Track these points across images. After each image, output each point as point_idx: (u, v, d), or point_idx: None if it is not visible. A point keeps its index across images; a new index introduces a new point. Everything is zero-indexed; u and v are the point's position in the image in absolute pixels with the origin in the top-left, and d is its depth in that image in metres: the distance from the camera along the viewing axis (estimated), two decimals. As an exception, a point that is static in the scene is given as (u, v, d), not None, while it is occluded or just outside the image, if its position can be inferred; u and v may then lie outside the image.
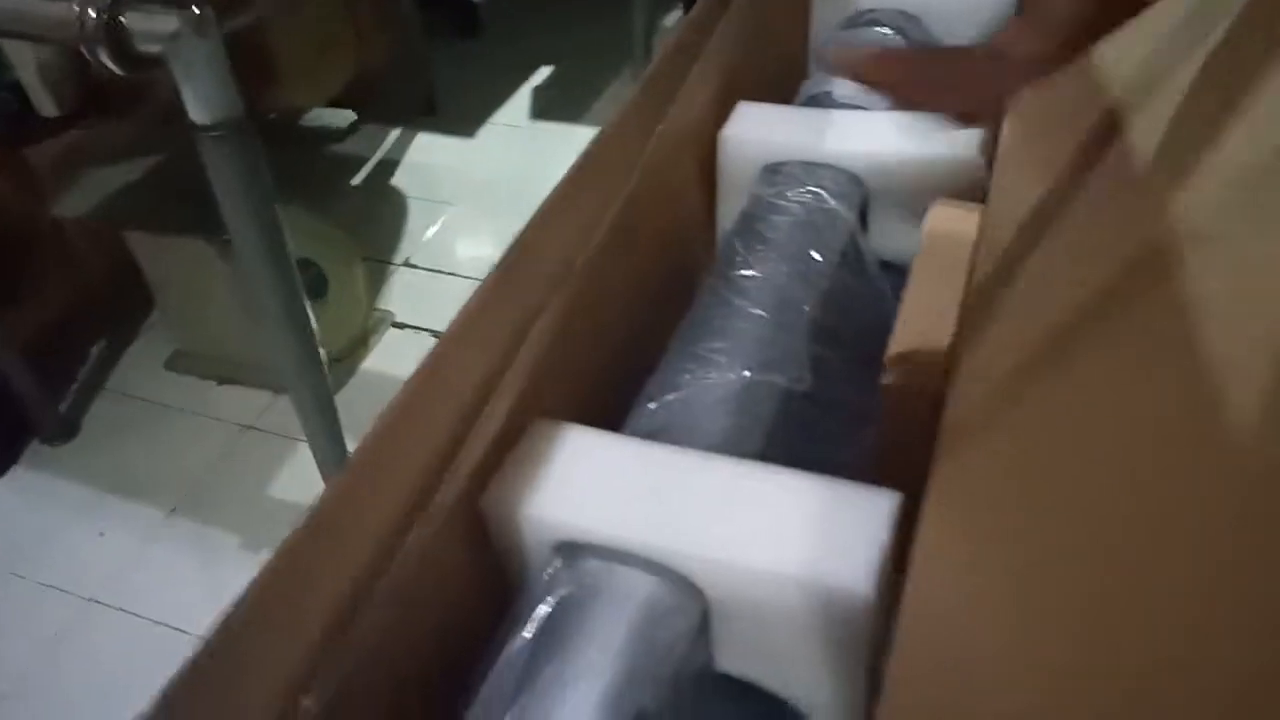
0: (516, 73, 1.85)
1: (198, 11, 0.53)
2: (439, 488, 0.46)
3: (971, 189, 0.75)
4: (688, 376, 0.61)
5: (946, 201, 0.71)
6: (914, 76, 0.43)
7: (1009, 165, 0.70)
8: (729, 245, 0.74)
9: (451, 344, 0.49)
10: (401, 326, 1.24)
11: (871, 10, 1.05)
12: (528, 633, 0.45)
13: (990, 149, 0.76)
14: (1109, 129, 0.59)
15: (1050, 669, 0.32)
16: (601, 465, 0.50)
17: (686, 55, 0.80)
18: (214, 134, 0.58)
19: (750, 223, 0.76)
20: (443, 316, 1.26)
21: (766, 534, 0.45)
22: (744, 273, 0.69)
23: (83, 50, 0.53)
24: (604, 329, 0.63)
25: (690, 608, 0.46)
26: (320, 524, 0.40)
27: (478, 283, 0.48)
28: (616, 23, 1.52)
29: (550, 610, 0.46)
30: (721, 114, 0.85)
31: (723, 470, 0.49)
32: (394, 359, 1.17)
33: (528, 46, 1.90)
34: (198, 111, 0.56)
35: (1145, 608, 0.30)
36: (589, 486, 0.49)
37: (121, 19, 0.52)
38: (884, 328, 0.72)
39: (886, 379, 0.56)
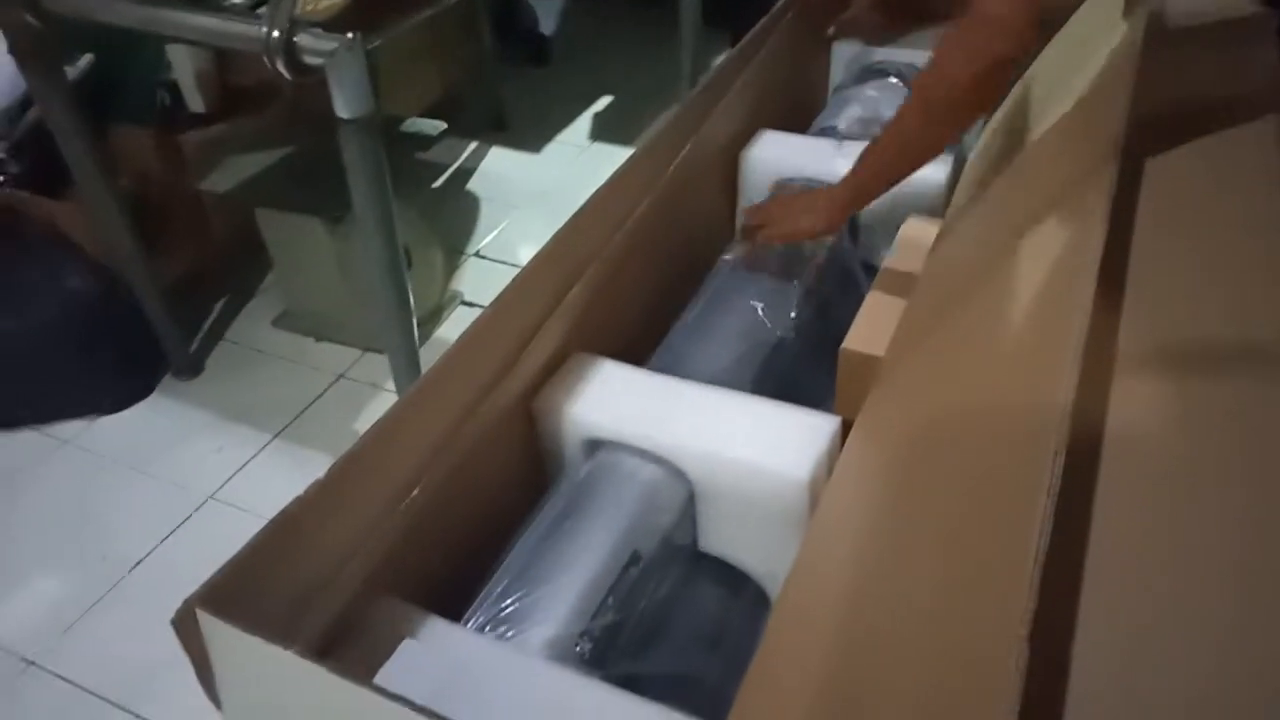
0: (579, 99, 1.97)
1: (351, 35, 0.66)
2: (495, 394, 0.56)
3: (940, 206, 0.85)
4: (699, 326, 0.72)
5: (918, 216, 0.81)
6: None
7: (966, 187, 0.80)
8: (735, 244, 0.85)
9: (511, 295, 0.59)
10: (470, 305, 1.37)
11: (882, 61, 1.16)
12: (562, 497, 0.57)
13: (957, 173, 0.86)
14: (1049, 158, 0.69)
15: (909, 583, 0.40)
16: (621, 387, 0.61)
17: (720, 89, 0.92)
18: (353, 126, 0.71)
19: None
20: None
21: (736, 436, 0.55)
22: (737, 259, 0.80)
23: (265, 59, 0.67)
24: (634, 290, 0.73)
25: (678, 487, 0.57)
26: (396, 415, 0.49)
27: None
28: (670, 60, 1.62)
29: (577, 482, 0.58)
30: (747, 138, 0.96)
31: (712, 395, 0.59)
32: (462, 331, 1.27)
33: (590, 77, 2.02)
34: (343, 109, 0.69)
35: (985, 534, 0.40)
36: (610, 401, 0.59)
37: (296, 39, 0.66)
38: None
39: (844, 345, 0.66)
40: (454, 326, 1.37)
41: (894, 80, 1.10)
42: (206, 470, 1.10)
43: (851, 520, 0.48)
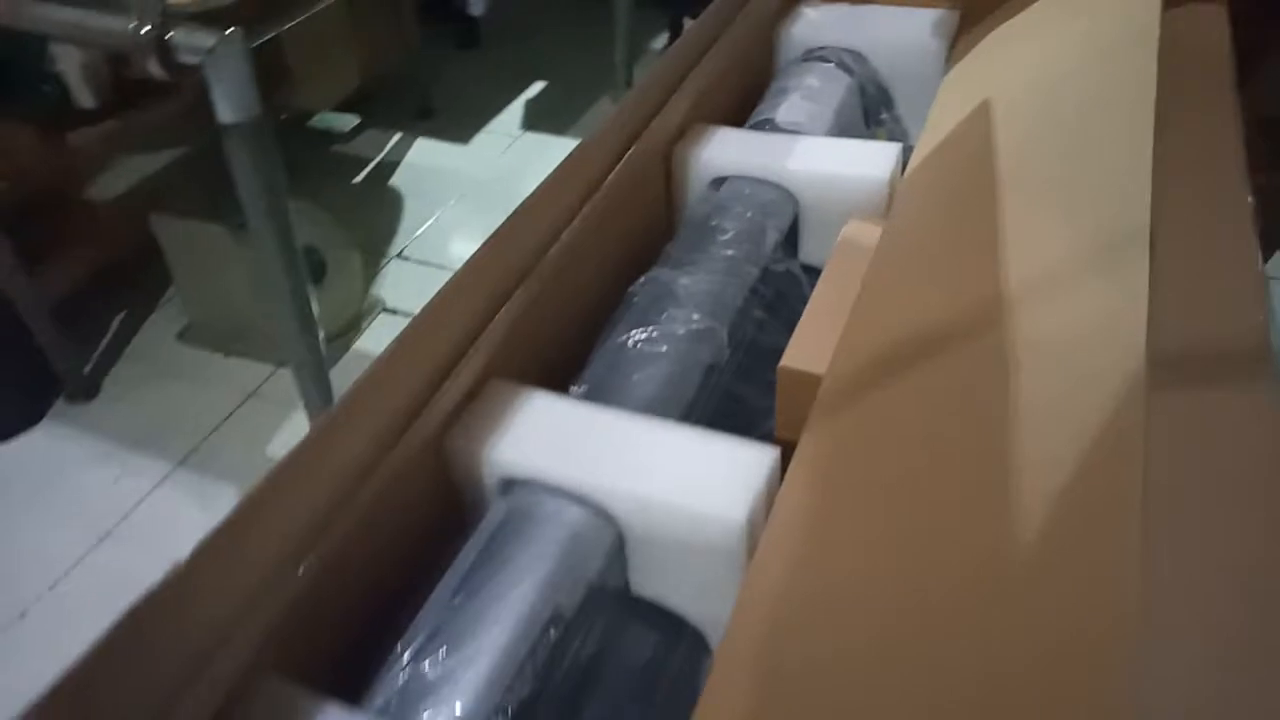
0: (510, 85, 1.92)
1: (230, 30, 0.61)
2: (410, 429, 0.54)
3: (884, 205, 0.83)
4: (624, 350, 0.69)
5: (860, 218, 0.80)
6: None
7: (910, 188, 0.79)
8: (670, 248, 0.82)
9: (431, 314, 0.56)
10: (392, 312, 1.32)
11: (823, 47, 1.14)
12: (473, 549, 0.54)
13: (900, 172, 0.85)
14: (991, 163, 0.68)
15: (868, 611, 0.39)
16: (542, 419, 0.58)
17: (664, 81, 0.89)
18: (238, 131, 0.66)
19: (691, 228, 0.84)
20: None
21: (666, 474, 0.53)
22: (680, 269, 0.77)
23: (134, 58, 0.62)
24: (566, 309, 0.70)
25: (605, 530, 0.54)
26: (304, 453, 0.46)
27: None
28: (605, 45, 1.59)
29: (492, 531, 0.55)
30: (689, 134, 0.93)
31: (638, 426, 0.56)
32: (383, 341, 1.22)
33: (522, 62, 1.98)
34: (225, 111, 0.65)
35: (941, 562, 0.39)
36: (530, 435, 0.56)
37: (168, 34, 0.61)
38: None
39: (782, 362, 0.64)
40: (376, 336, 1.33)
41: (833, 67, 1.08)
42: (103, 504, 1.05)
43: (793, 557, 0.46)
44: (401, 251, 1.49)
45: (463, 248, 1.42)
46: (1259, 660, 0.29)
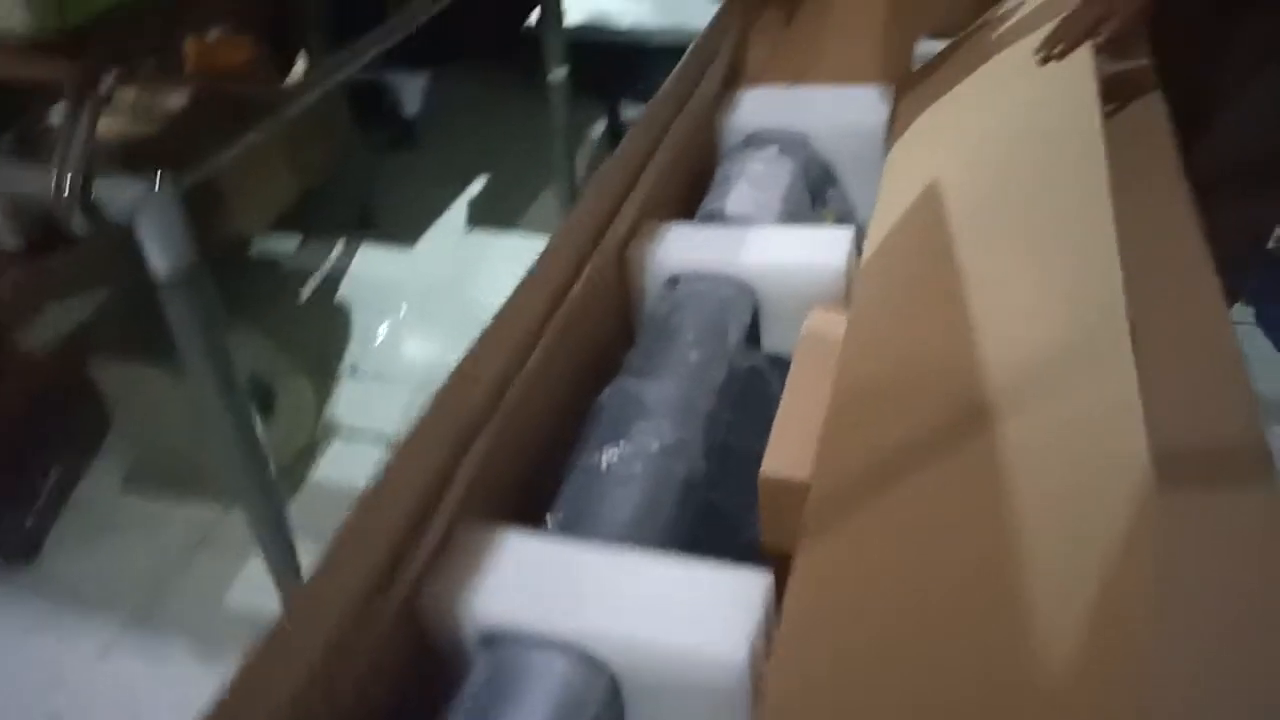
0: (450, 184, 1.92)
1: (160, 179, 0.59)
2: (384, 596, 0.50)
3: (842, 292, 0.83)
4: (597, 472, 0.67)
5: (824, 306, 0.79)
6: None
7: (869, 277, 0.78)
8: (633, 354, 0.81)
9: (397, 466, 0.54)
10: (350, 436, 1.28)
11: (765, 131, 1.15)
12: (458, 715, 0.50)
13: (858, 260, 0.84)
14: (948, 249, 0.67)
15: None
16: (519, 562, 0.55)
17: (613, 181, 0.88)
18: (173, 284, 0.64)
19: (652, 331, 0.82)
20: (388, 424, 1.30)
21: (657, 613, 0.50)
22: (646, 377, 0.76)
23: (57, 216, 0.59)
24: (535, 435, 0.68)
25: (597, 681, 0.51)
26: (276, 638, 0.44)
27: (421, 389, 0.53)
28: (543, 136, 1.59)
29: (475, 690, 0.52)
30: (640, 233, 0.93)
31: (619, 561, 0.54)
32: (343, 468, 1.20)
33: (460, 159, 1.98)
34: (159, 264, 0.62)
35: (957, 669, 0.37)
36: (509, 582, 0.54)
37: (92, 188, 0.59)
38: (773, 416, 0.79)
39: (763, 471, 0.62)
40: (334, 463, 1.28)
41: (777, 150, 1.09)
42: (44, 679, 0.98)
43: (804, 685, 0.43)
44: (354, 368, 1.45)
45: (417, 358, 1.39)
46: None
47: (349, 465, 1.20)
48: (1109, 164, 0.57)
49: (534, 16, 1.47)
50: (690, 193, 1.08)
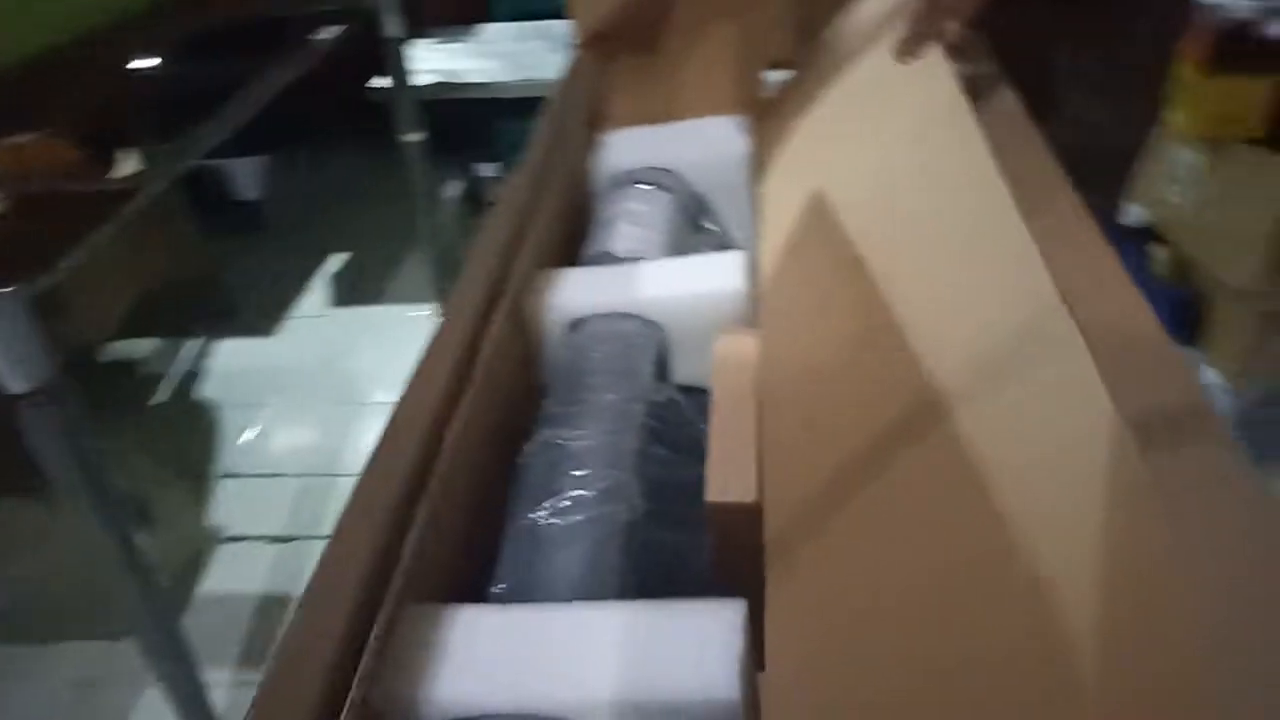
0: (307, 263, 1.85)
1: (8, 290, 0.53)
2: (342, 698, 0.46)
3: (745, 314, 0.83)
4: (535, 531, 0.64)
5: (730, 330, 0.79)
6: None
7: (777, 297, 0.79)
8: (547, 406, 0.78)
9: (327, 570, 0.49)
10: (237, 539, 1.19)
11: (634, 170, 1.16)
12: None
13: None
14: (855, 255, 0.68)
15: None
16: (472, 640, 0.51)
17: (497, 239, 0.86)
18: (32, 400, 0.57)
19: (563, 379, 0.80)
20: (272, 521, 1.22)
21: (632, 667, 0.48)
22: (566, 426, 0.73)
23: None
24: (462, 516, 0.64)
25: None
26: None
27: (301, 480, 0.49)
28: (397, 201, 1.55)
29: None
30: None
31: (580, 618, 0.51)
32: (234, 575, 1.11)
33: (313, 236, 1.91)
34: (14, 381, 0.55)
35: (948, 670, 0.36)
36: (463, 663, 0.50)
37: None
38: (697, 445, 0.78)
39: (709, 496, 0.61)
40: (224, 571, 1.19)
41: (651, 188, 1.10)
42: None
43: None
44: (229, 469, 1.36)
45: (296, 448, 1.31)
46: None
47: (237, 572, 1.11)
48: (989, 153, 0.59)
49: (380, 80, 1.44)
50: (571, 241, 1.07)
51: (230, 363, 1.58)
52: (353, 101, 1.60)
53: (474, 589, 0.61)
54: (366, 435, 1.28)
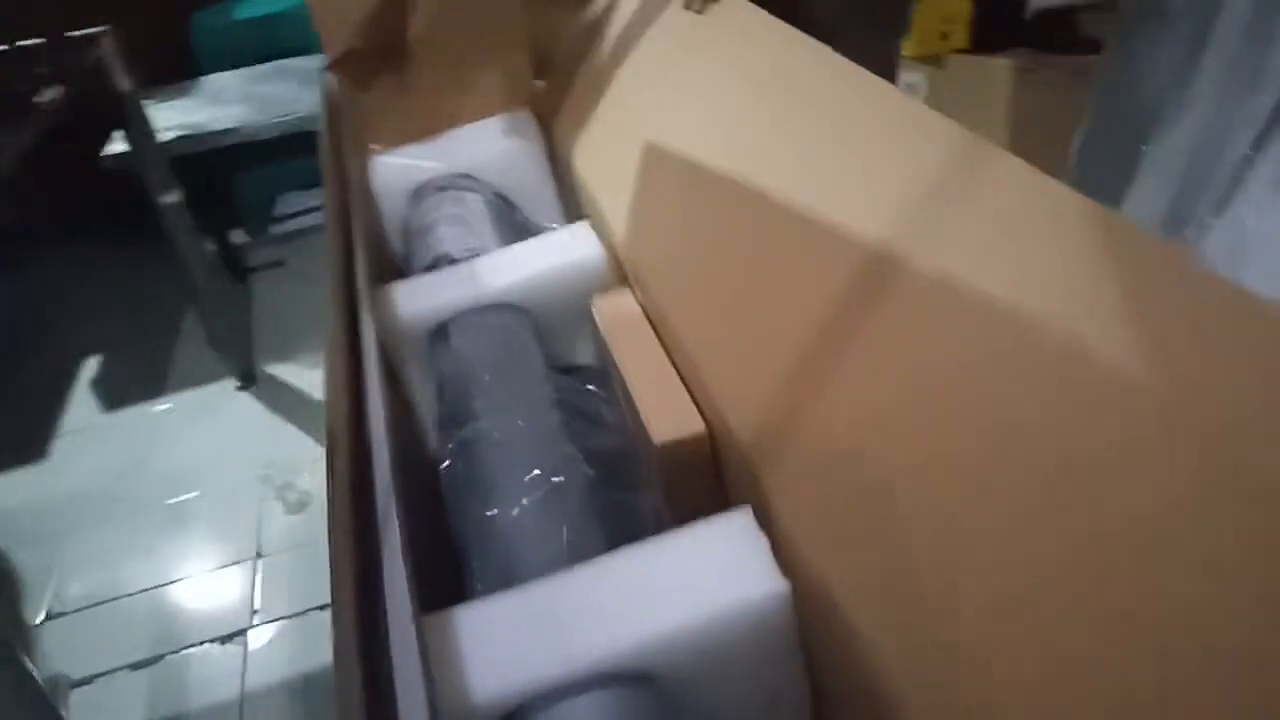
0: (63, 375, 1.64)
1: None
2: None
3: (607, 277, 0.84)
4: (505, 524, 0.62)
5: (602, 295, 0.79)
6: None
7: (642, 245, 0.80)
8: (442, 405, 0.76)
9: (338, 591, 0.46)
10: (83, 682, 1.04)
11: (432, 180, 1.13)
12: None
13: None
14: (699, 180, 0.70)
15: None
16: (510, 621, 0.50)
17: (340, 279, 0.80)
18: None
19: (450, 383, 0.77)
20: (120, 649, 1.07)
21: (679, 593, 0.48)
22: (477, 419, 0.71)
23: None
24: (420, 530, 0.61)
25: (648, 701, 0.47)
26: None
27: (135, 596, 0.44)
28: (153, 284, 1.41)
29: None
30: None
31: (596, 573, 0.51)
32: (93, 715, 0.97)
33: (63, 345, 1.70)
34: None
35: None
36: (501, 652, 0.48)
37: None
38: (603, 415, 0.79)
39: (655, 440, 0.61)
40: (84, 716, 1.04)
41: (458, 191, 1.08)
42: None
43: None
44: (49, 612, 1.18)
45: (108, 573, 1.16)
46: None
47: (99, 711, 0.97)
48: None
49: (114, 146, 1.30)
50: (381, 262, 1.03)
51: (8, 502, 1.37)
52: (83, 177, 1.43)
53: (441, 599, 0.58)
54: (182, 534, 1.16)
